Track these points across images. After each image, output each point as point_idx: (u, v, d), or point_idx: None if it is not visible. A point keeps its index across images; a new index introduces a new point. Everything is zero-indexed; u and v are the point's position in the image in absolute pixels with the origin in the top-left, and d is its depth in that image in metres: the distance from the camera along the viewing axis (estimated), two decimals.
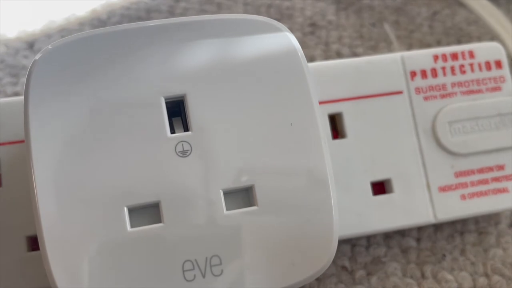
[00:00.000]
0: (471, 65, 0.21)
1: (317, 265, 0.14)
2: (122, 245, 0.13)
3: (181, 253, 0.13)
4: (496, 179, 0.20)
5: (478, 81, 0.21)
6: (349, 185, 0.19)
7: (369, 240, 0.21)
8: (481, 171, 0.20)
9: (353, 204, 0.19)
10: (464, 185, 0.20)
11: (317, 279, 0.20)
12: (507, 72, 0.21)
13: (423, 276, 0.20)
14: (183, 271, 0.13)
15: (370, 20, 0.27)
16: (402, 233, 0.21)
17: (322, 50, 0.26)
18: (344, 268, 0.20)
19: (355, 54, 0.25)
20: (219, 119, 0.14)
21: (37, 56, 0.14)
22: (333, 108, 0.19)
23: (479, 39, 0.25)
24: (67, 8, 0.26)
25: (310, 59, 0.25)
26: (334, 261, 0.20)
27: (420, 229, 0.21)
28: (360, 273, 0.20)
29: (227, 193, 0.14)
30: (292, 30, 0.26)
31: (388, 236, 0.21)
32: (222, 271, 0.13)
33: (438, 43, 0.26)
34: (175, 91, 0.14)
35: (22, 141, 0.14)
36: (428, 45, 0.26)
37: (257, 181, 0.14)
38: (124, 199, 0.13)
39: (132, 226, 0.13)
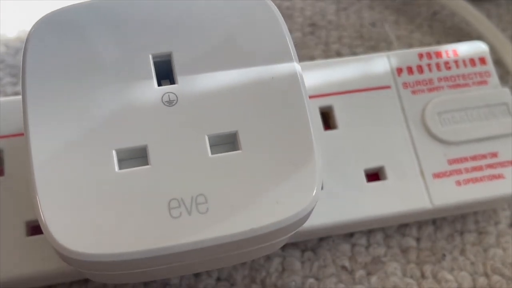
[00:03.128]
0: (456, 62, 0.22)
1: (301, 204, 0.14)
2: (110, 185, 0.14)
3: (167, 192, 0.14)
4: (490, 166, 0.20)
5: (464, 76, 0.21)
6: (342, 173, 0.19)
7: (369, 240, 0.21)
8: (474, 158, 0.20)
9: (348, 191, 0.19)
10: (458, 172, 0.20)
11: (317, 279, 0.20)
12: (491, 68, 0.22)
13: (423, 276, 0.20)
14: (169, 208, 0.14)
15: (370, 20, 0.27)
16: (402, 232, 0.21)
17: (322, 50, 0.26)
18: (344, 268, 0.20)
19: (355, 54, 0.25)
20: (203, 73, 0.15)
21: (32, 28, 0.15)
22: (323, 102, 0.20)
23: (479, 39, 0.25)
24: None
25: (310, 59, 0.25)
26: (334, 261, 0.20)
27: (420, 228, 0.21)
28: (360, 273, 0.20)
29: (213, 141, 0.15)
30: (292, 30, 0.26)
31: (388, 236, 0.21)
32: (207, 209, 0.14)
33: (438, 43, 0.26)
34: (161, 49, 0.15)
35: (23, 134, 0.14)
36: (428, 45, 0.26)
37: (241, 127, 0.15)
38: (113, 143, 0.14)
39: (120, 169, 0.14)
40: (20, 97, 0.15)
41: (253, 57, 0.15)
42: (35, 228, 0.17)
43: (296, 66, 0.15)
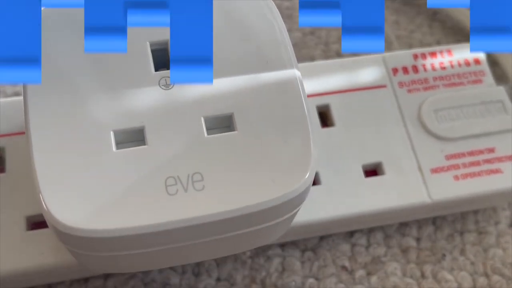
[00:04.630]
0: (450, 62, 0.22)
1: (296, 183, 0.14)
2: (108, 164, 0.14)
3: (164, 170, 0.14)
4: (488, 161, 0.20)
5: (459, 75, 0.22)
6: (340, 169, 0.19)
7: (369, 240, 0.21)
8: (471, 153, 0.20)
9: (346, 186, 0.19)
10: (456, 167, 0.20)
11: (317, 279, 0.20)
12: (486, 67, 0.22)
13: (423, 276, 0.20)
14: (166, 186, 0.14)
15: None
16: (402, 232, 0.21)
17: (322, 50, 0.26)
18: (344, 268, 0.20)
19: (355, 54, 0.25)
20: None
21: None
22: (320, 101, 0.21)
23: None
24: None
25: (310, 59, 0.25)
26: (334, 261, 0.20)
27: (420, 228, 0.21)
28: (360, 273, 0.20)
29: (209, 124, 0.15)
30: (292, 30, 0.26)
31: (388, 236, 0.21)
32: (203, 186, 0.14)
33: (438, 43, 0.26)
34: (158, 37, 0.16)
35: (24, 133, 0.15)
36: (428, 45, 0.26)
37: (236, 110, 0.15)
38: (111, 124, 0.15)
39: (117, 149, 0.14)
40: (20, 97, 0.15)
41: (251, 52, 0.16)
42: (35, 223, 0.18)
43: (293, 57, 0.16)
